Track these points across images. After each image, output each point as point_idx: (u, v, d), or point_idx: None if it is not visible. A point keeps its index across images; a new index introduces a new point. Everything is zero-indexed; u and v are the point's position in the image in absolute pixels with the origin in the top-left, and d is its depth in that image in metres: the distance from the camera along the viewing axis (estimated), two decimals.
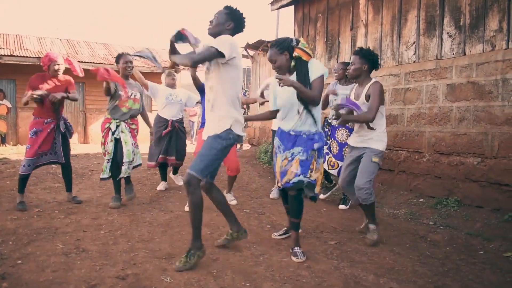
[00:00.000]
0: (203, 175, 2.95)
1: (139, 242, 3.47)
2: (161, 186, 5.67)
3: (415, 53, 5.17)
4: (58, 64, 4.34)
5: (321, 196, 5.20)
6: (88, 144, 13.13)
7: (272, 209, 4.76)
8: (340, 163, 4.84)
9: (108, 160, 4.60)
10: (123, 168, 4.56)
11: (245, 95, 10.68)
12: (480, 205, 4.36)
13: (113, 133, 4.55)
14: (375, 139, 3.59)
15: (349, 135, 4.89)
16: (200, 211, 2.99)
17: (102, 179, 4.66)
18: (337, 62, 6.71)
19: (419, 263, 3.16)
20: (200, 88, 4.80)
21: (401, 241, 3.70)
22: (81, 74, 4.51)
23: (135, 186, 5.80)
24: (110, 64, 12.66)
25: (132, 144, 4.58)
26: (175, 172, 6.00)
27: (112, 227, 3.84)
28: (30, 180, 4.76)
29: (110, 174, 4.60)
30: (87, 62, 12.40)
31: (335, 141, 4.88)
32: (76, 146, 12.04)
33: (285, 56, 3.11)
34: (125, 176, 4.64)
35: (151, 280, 2.73)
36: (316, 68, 3.09)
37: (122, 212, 4.39)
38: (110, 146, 4.56)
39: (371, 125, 3.58)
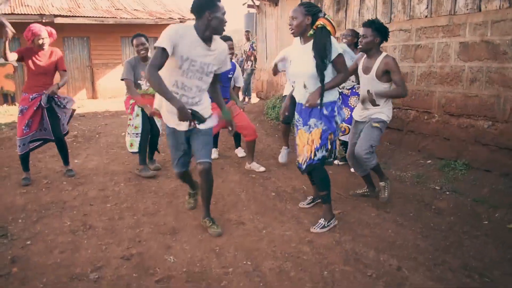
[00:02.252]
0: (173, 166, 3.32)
1: (145, 216, 3.53)
2: (240, 152, 5.56)
3: (427, 7, 4.86)
4: (42, 38, 4.18)
5: (336, 162, 5.09)
6: (96, 100, 13.11)
7: (278, 173, 4.76)
8: (350, 127, 4.75)
9: (137, 134, 4.54)
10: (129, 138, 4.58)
11: (252, 47, 10.36)
12: (488, 169, 4.27)
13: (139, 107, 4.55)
14: (380, 111, 3.57)
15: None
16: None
17: (133, 153, 4.66)
18: (345, 15, 6.39)
19: (421, 236, 3.16)
20: None
21: (405, 210, 3.68)
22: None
23: None
24: (112, 17, 12.33)
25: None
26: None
27: (118, 199, 3.90)
28: (39, 148, 4.78)
29: (139, 148, 4.57)
30: (90, 17, 12.08)
31: (347, 107, 4.75)
32: (84, 102, 12.06)
33: (307, 20, 2.97)
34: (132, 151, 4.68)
35: (155, 260, 2.80)
36: (337, 45, 3.03)
37: (128, 181, 4.45)
38: (137, 120, 4.53)
39: (376, 101, 3.53)
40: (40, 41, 4.18)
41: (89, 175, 4.65)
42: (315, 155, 3.11)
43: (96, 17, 12.16)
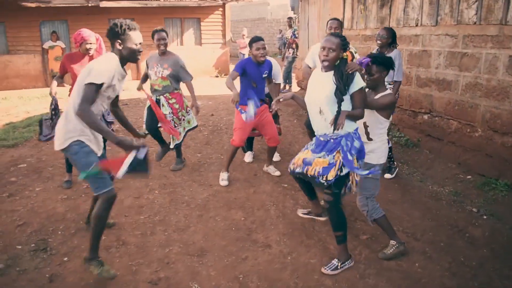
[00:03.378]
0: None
1: (175, 232, 3.66)
2: (249, 157, 5.52)
3: (476, 13, 4.54)
4: (90, 43, 4.30)
5: (387, 176, 4.93)
6: None
7: None
8: None
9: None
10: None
11: (294, 35, 10.12)
12: None
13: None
14: (375, 152, 3.24)
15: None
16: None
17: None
18: (390, 11, 6.09)
19: (449, 273, 3.08)
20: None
21: (436, 237, 3.59)
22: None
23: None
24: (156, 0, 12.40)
25: (171, 119, 4.81)
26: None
27: (151, 211, 4.06)
28: None
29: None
30: (135, 0, 12.23)
31: None
32: (129, 84, 12.34)
33: (341, 54, 2.95)
34: (173, 146, 4.96)
35: (180, 286, 2.92)
36: (360, 80, 2.97)
37: (163, 188, 4.59)
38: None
39: (370, 135, 3.25)
40: (88, 46, 4.29)
41: (126, 179, 4.83)
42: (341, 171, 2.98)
43: (141, 0, 12.30)
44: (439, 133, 5.22)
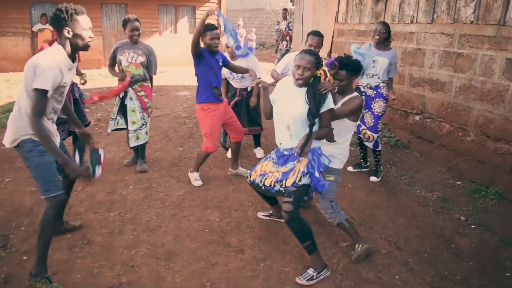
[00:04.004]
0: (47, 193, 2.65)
1: (145, 232, 3.45)
2: (259, 153, 5.29)
3: (474, 12, 4.31)
4: None
5: (349, 169, 4.87)
6: None
7: None
8: (375, 136, 4.45)
9: (112, 119, 4.64)
10: (129, 135, 4.55)
11: (288, 27, 9.86)
12: None
13: (121, 99, 4.48)
14: (337, 157, 3.14)
15: (386, 106, 4.43)
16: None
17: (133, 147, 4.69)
18: (385, 7, 5.85)
19: None
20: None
21: (420, 247, 3.40)
22: None
23: (161, 141, 5.77)
24: None
25: (140, 112, 4.48)
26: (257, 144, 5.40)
27: (123, 207, 3.85)
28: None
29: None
30: None
31: (370, 112, 4.42)
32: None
33: (316, 72, 2.86)
34: (133, 145, 4.60)
35: None
36: (331, 99, 2.88)
37: (138, 183, 4.38)
38: (135, 116, 4.50)
39: (335, 137, 3.12)
40: None
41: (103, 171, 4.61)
42: (300, 180, 2.87)
43: None
44: (430, 135, 5.03)
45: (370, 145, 4.53)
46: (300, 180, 2.84)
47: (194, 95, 8.83)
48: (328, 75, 2.88)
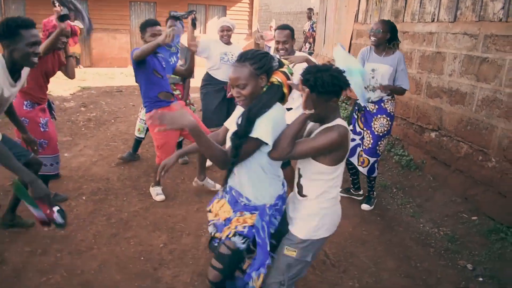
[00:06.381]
0: None
1: (70, 255, 2.94)
2: None
3: (503, 8, 3.46)
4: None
5: (365, 207, 3.99)
6: None
7: None
8: (371, 160, 3.68)
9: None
10: None
11: (312, 28, 9.13)
12: None
13: None
14: (301, 218, 2.00)
15: (390, 125, 3.65)
16: None
17: (137, 138, 4.67)
18: (405, 4, 5.03)
19: None
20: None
21: None
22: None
23: (145, 145, 5.28)
24: None
25: None
26: None
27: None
28: None
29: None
30: None
31: (369, 131, 3.66)
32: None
33: (261, 82, 1.87)
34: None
35: None
36: (267, 127, 1.82)
37: (94, 194, 3.89)
38: None
39: (303, 191, 2.01)
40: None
41: (64, 178, 4.19)
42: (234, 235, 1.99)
43: None
44: (446, 156, 4.17)
45: (363, 170, 3.75)
46: (234, 235, 1.97)
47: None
48: (292, 77, 1.96)
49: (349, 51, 6.59)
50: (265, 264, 1.92)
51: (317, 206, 1.97)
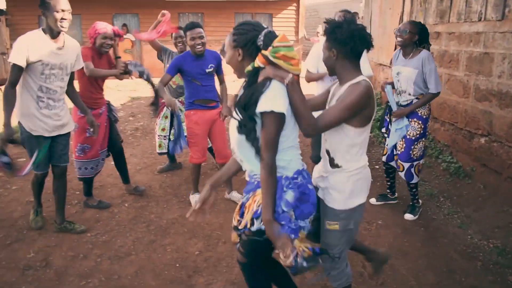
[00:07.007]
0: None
1: (109, 260, 3.06)
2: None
3: None
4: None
5: (372, 201, 3.94)
6: None
7: None
8: (406, 165, 3.54)
9: (165, 136, 4.54)
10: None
11: None
12: None
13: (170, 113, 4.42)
14: (335, 188, 2.00)
15: (424, 128, 3.50)
16: None
17: (160, 153, 4.75)
18: (450, 3, 4.81)
19: None
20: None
21: None
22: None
23: (188, 154, 5.38)
24: None
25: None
26: None
27: (104, 228, 3.51)
28: None
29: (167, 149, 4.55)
30: None
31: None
32: None
33: (237, 53, 1.82)
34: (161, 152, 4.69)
35: None
36: (270, 96, 1.72)
37: (136, 201, 4.02)
38: (166, 122, 4.49)
39: (335, 160, 2.00)
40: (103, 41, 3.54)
41: (108, 185, 4.38)
42: (252, 223, 1.86)
43: None
44: (497, 163, 3.91)
45: (401, 175, 3.63)
46: (252, 224, 1.86)
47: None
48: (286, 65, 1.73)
49: None
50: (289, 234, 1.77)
51: (349, 173, 1.99)
